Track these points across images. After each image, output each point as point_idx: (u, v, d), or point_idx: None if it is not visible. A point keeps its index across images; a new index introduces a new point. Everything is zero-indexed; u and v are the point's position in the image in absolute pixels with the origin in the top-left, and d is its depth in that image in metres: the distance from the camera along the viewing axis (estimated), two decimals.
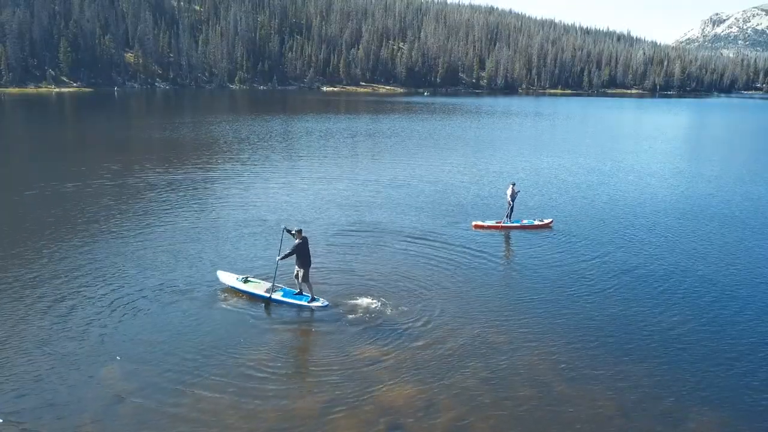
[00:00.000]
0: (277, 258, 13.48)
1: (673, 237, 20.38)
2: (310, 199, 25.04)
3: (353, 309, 13.50)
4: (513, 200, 21.35)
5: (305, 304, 13.42)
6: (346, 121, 66.13)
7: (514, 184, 21.61)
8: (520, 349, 11.70)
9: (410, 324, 12.74)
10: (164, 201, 23.73)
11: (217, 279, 14.63)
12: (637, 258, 17.82)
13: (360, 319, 12.97)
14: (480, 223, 21.29)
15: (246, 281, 14.39)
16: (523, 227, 21.33)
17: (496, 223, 21.41)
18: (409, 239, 19.39)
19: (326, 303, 13.45)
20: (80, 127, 58.57)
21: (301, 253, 13.16)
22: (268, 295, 13.73)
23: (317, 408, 9.46)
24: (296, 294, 13.76)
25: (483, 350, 11.61)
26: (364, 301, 13.91)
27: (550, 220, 21.89)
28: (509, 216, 21.53)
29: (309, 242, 13.58)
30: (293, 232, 13.39)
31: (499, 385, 10.33)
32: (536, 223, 21.58)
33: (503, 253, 18.71)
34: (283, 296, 13.76)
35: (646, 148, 46.94)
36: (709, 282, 15.87)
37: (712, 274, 16.57)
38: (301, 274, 13.39)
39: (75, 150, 41.28)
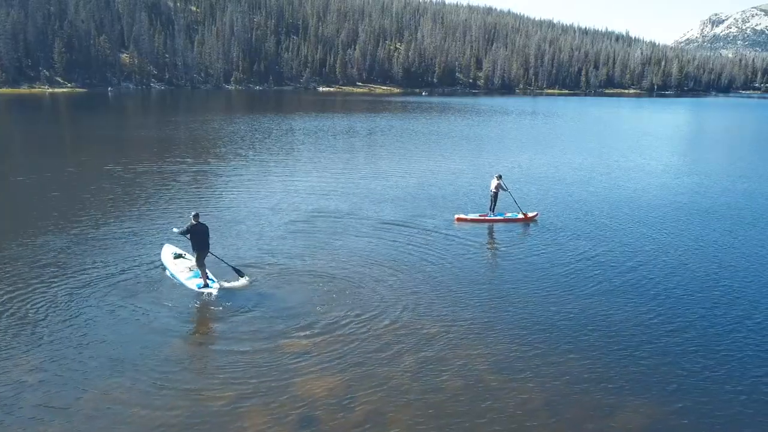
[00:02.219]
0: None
1: (658, 234, 19.73)
2: (290, 189, 24.83)
3: (296, 296, 13.17)
4: (504, 191, 20.74)
5: (195, 289, 13.25)
6: (336, 119, 65.55)
7: (499, 177, 21.00)
8: (459, 342, 11.30)
9: (353, 314, 12.35)
10: (128, 197, 23.28)
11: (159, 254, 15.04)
12: (617, 255, 17.15)
13: (299, 308, 12.59)
14: (463, 216, 20.70)
15: (178, 257, 14.44)
16: (507, 220, 20.74)
17: (480, 216, 20.82)
18: (385, 229, 19.06)
19: (215, 292, 13.14)
20: (65, 126, 57.93)
21: (195, 237, 13.13)
22: (174, 273, 13.91)
23: (230, 401, 9.11)
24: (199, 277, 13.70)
25: (420, 343, 11.23)
26: (310, 288, 13.63)
27: (535, 213, 21.29)
28: (492, 209, 20.94)
29: (209, 229, 13.62)
30: (191, 216, 13.43)
31: (427, 377, 9.98)
32: (520, 216, 20.97)
33: (478, 247, 18.03)
34: (188, 278, 13.63)
35: (637, 146, 46.35)
36: (679, 279, 15.36)
37: (684, 272, 16.04)
38: (195, 257, 13.42)
39: (50, 148, 40.62)
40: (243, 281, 13.72)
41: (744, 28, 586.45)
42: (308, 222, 19.59)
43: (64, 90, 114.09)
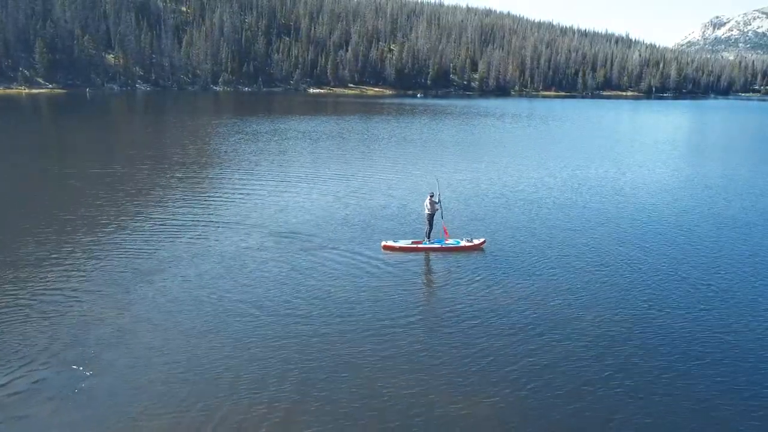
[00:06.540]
0: None
1: (622, 270, 16.61)
2: (175, 197, 21.95)
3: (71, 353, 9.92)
4: (434, 214, 17.73)
5: None
6: (303, 121, 62.33)
7: (432, 195, 17.96)
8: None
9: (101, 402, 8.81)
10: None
11: None
12: (574, 297, 14.19)
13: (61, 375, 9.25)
14: (390, 243, 17.60)
15: None
16: (448, 249, 17.65)
17: (412, 243, 17.74)
18: (275, 251, 15.87)
19: None
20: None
21: None
22: None
23: None
24: None
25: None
26: (68, 342, 10.25)
27: (482, 240, 18.19)
28: (428, 235, 17.88)
29: None
30: None
31: None
32: (464, 243, 17.89)
33: (397, 288, 14.50)
34: None
35: (614, 155, 43.45)
36: (636, 322, 12.50)
37: (644, 313, 13.17)
38: None
39: None
40: None
41: (745, 30, 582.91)
42: (164, 238, 16.37)
43: (43, 91, 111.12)
